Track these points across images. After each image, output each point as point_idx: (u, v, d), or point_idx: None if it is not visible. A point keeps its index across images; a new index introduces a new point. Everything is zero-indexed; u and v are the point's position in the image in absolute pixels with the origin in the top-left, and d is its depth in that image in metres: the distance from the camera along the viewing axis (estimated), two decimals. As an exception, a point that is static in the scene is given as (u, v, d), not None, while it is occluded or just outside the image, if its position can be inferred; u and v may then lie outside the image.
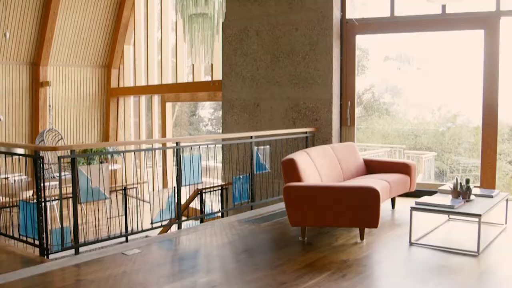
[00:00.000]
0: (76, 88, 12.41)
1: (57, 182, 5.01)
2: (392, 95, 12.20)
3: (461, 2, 5.83)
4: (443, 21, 7.01)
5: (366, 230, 5.14)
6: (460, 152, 10.83)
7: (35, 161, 4.71)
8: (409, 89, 11.69)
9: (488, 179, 6.70)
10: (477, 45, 6.83)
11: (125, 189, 6.14)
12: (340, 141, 7.63)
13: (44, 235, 4.72)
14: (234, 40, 8.35)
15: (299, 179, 5.08)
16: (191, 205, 7.79)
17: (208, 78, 10.94)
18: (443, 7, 6.95)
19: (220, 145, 8.08)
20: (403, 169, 6.32)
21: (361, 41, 8.32)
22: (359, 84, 8.46)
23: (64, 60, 12.16)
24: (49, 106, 11.79)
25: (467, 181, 5.04)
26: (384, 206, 5.99)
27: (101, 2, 11.93)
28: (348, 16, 7.59)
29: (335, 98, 7.47)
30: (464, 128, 10.80)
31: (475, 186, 6.00)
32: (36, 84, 11.72)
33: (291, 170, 5.13)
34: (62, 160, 4.81)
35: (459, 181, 5.04)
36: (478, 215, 4.44)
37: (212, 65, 9.66)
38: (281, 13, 7.78)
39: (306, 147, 7.23)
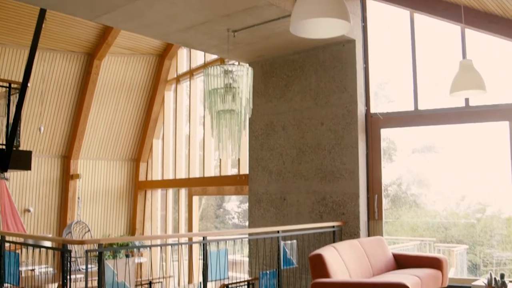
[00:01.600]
0: (105, 180, 12.63)
1: (83, 275, 5.00)
2: (419, 187, 12.09)
3: (484, 95, 5.91)
4: (467, 114, 7.07)
5: (398, 329, 4.95)
6: (493, 244, 10.53)
7: (63, 254, 4.74)
8: (436, 180, 11.59)
9: (523, 275, 6.48)
10: (503, 135, 6.83)
11: (150, 283, 6.08)
12: (368, 235, 7.52)
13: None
14: (260, 135, 8.50)
15: (327, 275, 4.99)
16: (216, 300, 7.63)
17: (235, 172, 11.04)
18: (467, 100, 7.03)
19: (247, 239, 8.02)
20: (435, 263, 6.17)
21: (387, 134, 8.40)
22: (386, 176, 8.44)
23: (95, 153, 12.46)
24: (78, 198, 11.97)
25: (502, 276, 4.90)
26: (416, 303, 5.78)
27: (132, 98, 12.37)
28: (373, 110, 7.72)
29: (362, 191, 7.45)
30: (496, 219, 10.56)
31: (510, 281, 5.80)
32: (66, 177, 11.97)
33: (318, 266, 5.05)
34: (89, 253, 4.82)
35: (493, 276, 4.89)
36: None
37: (239, 159, 9.80)
38: (306, 108, 7.95)
39: (334, 241, 7.14)
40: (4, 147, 8.89)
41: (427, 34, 7.54)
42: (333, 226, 7.34)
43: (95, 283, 5.18)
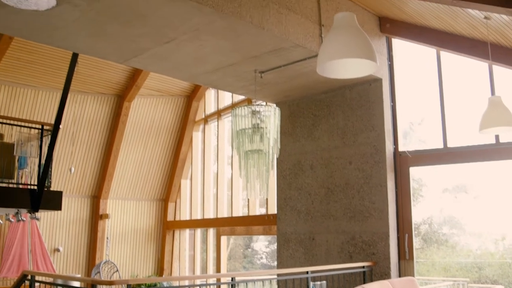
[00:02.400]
0: (134, 220, 12.70)
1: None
2: (450, 226, 11.87)
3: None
4: (497, 151, 6.96)
5: None
6: (530, 285, 10.22)
7: (92, 297, 4.75)
8: (468, 219, 11.37)
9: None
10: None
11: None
12: (399, 275, 7.37)
13: None
14: (288, 174, 8.49)
15: (358, 317, 4.89)
16: None
17: (263, 211, 11.00)
18: (497, 136, 6.94)
19: (276, 280, 7.93)
20: (468, 306, 6.00)
21: (416, 172, 8.31)
22: (416, 215, 8.32)
23: (124, 193, 12.58)
24: (107, 238, 12.04)
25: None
26: None
27: (161, 138, 12.52)
28: (401, 148, 7.66)
29: (391, 230, 7.34)
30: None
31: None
32: (95, 216, 12.09)
33: (349, 308, 4.96)
34: (118, 296, 4.82)
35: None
36: None
37: (267, 199, 9.78)
38: (334, 147, 7.94)
39: (364, 282, 7.01)
40: (35, 187, 9.03)
41: (454, 71, 7.52)
42: (363, 267, 7.22)
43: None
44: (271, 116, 6.05)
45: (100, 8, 4.76)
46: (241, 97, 10.97)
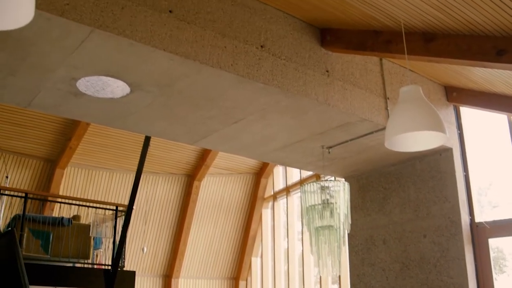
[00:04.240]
0: (206, 300, 12.64)
1: None
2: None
3: None
4: None
5: None
6: None
7: None
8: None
9: None
10: None
11: None
12: None
13: None
14: (360, 250, 8.30)
15: None
16: None
17: (336, 288, 10.72)
18: None
19: None
20: None
21: (495, 242, 7.94)
22: (499, 287, 7.88)
23: (195, 272, 12.61)
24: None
25: None
26: None
27: (230, 216, 12.61)
28: (477, 219, 7.38)
29: (474, 307, 6.96)
30: None
31: None
32: (168, 297, 12.12)
33: None
34: None
35: None
36: None
37: (339, 275, 9.54)
38: (407, 221, 7.74)
39: None
40: (110, 267, 9.22)
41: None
42: None
43: None
44: (340, 191, 6.02)
45: (171, 94, 4.99)
46: (309, 173, 10.98)
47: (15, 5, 2.09)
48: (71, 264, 9.42)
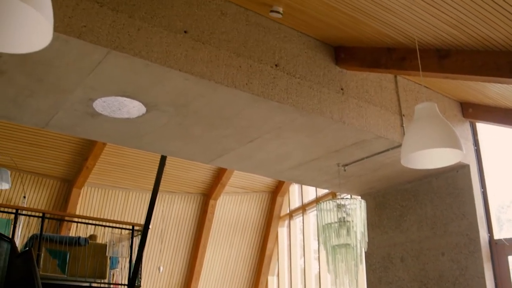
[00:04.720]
0: (222, 320, 12.57)
1: None
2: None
3: None
4: None
5: None
6: None
7: None
8: None
9: None
10: None
11: None
12: None
13: None
14: (378, 268, 8.22)
15: None
16: None
17: (354, 307, 10.60)
18: None
19: None
20: None
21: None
22: (520, 307, 7.75)
23: (211, 291, 12.56)
24: None
25: None
26: None
27: (246, 235, 12.57)
28: (497, 236, 7.28)
29: (495, 326, 6.85)
30: None
31: None
32: (185, 318, 12.07)
33: None
34: None
35: None
36: None
37: (357, 294, 9.44)
38: (424, 238, 7.66)
39: None
40: (126, 287, 9.22)
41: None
42: None
43: None
44: (357, 209, 6.00)
45: (187, 113, 5.02)
46: (325, 191, 10.94)
47: (33, 28, 2.13)
48: (87, 284, 9.43)
